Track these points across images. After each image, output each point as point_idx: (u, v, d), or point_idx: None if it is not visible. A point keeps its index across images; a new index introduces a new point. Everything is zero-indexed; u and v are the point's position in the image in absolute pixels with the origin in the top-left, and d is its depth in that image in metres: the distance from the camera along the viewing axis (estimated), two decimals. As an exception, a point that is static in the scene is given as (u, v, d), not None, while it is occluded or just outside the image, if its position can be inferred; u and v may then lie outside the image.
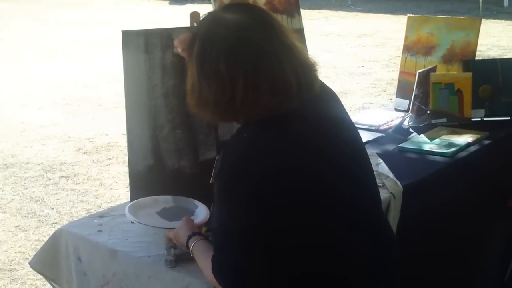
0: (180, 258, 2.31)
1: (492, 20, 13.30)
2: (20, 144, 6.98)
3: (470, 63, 3.73)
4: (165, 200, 2.26)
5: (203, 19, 1.89)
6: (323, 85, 1.94)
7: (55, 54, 11.90)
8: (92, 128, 7.43)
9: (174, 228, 2.14)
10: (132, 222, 2.19)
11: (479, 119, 3.61)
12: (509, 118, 3.63)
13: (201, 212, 2.23)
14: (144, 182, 2.42)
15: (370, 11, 15.70)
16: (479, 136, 3.34)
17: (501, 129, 3.51)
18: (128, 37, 2.48)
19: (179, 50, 2.30)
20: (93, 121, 7.75)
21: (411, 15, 4.17)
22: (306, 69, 1.85)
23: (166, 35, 2.47)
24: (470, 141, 3.27)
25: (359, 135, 2.01)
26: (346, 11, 15.84)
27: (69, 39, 13.28)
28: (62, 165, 6.31)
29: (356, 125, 2.06)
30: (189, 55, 1.86)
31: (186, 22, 2.63)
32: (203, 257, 1.95)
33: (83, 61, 11.21)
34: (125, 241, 2.49)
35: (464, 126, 3.48)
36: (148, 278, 2.34)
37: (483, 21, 4.00)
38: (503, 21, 13.61)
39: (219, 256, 1.81)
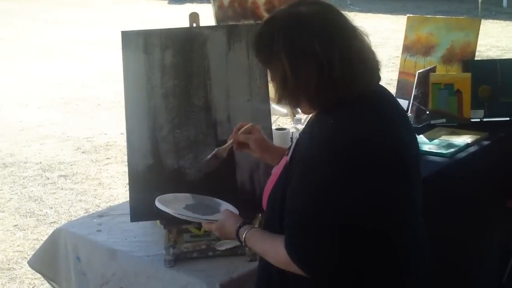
0: (179, 257, 2.31)
1: (491, 21, 13.32)
2: (19, 143, 6.98)
3: (470, 64, 3.73)
4: (185, 198, 2.23)
5: (275, 15, 1.89)
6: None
7: (54, 53, 11.90)
8: (90, 128, 7.42)
9: (215, 221, 2.08)
10: (171, 214, 2.11)
11: (479, 119, 3.61)
12: (508, 118, 3.63)
13: (228, 206, 2.19)
14: (143, 182, 2.42)
15: (369, 11, 15.72)
16: (478, 136, 3.34)
17: (500, 129, 3.51)
18: (128, 37, 2.48)
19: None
20: (91, 121, 7.75)
21: (411, 15, 4.18)
22: (375, 59, 1.91)
23: (165, 36, 2.47)
24: (470, 142, 3.27)
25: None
26: (345, 11, 15.56)
27: (68, 38, 13.30)
28: (61, 164, 6.30)
29: None
30: (269, 51, 1.84)
31: (185, 22, 2.63)
32: (264, 242, 1.91)
33: (82, 60, 11.21)
34: (124, 241, 2.50)
35: (463, 126, 3.48)
36: (147, 278, 2.34)
37: (482, 21, 4.00)
38: (502, 21, 13.63)
39: (299, 236, 1.78)
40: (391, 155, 1.81)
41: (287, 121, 5.56)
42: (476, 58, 3.86)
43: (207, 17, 3.26)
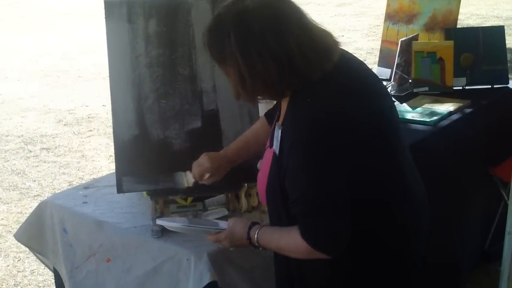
0: (166, 228, 2.31)
1: (471, -11, 13.31)
2: (0, 116, 6.92)
3: (452, 32, 3.73)
4: (182, 220, 2.22)
5: (220, 13, 1.85)
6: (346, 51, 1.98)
7: (32, 25, 11.75)
8: (72, 100, 7.37)
9: (223, 230, 2.07)
10: (182, 226, 2.11)
11: (461, 87, 3.63)
12: (490, 86, 3.66)
13: (225, 224, 2.13)
14: (129, 153, 2.41)
15: (350, -20, 15.64)
16: (460, 104, 3.36)
17: (482, 97, 3.53)
18: (111, 7, 2.45)
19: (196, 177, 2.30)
20: (73, 93, 7.69)
21: (393, -17, 4.16)
22: (329, 32, 1.90)
23: (149, 4, 2.45)
24: (452, 110, 3.29)
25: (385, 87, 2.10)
26: (326, -20, 15.76)
27: (47, 9, 13.12)
28: (43, 137, 6.26)
29: None
30: (221, 50, 1.82)
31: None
32: (280, 237, 1.90)
33: (62, 32, 11.09)
34: (111, 212, 2.50)
35: (446, 94, 3.50)
36: (134, 249, 2.34)
37: (463, -12, 4.01)
38: (482, -11, 13.61)
39: (313, 222, 1.79)
40: (368, 127, 1.84)
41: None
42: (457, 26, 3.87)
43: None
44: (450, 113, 3.27)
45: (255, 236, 1.95)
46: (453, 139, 3.21)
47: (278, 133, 1.90)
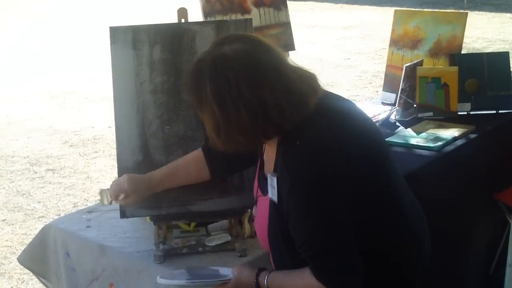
0: (169, 253, 2.32)
1: (477, 12, 13.37)
2: (6, 137, 6.95)
3: (457, 57, 3.75)
4: (181, 273, 2.18)
5: (200, 59, 1.87)
6: (325, 91, 1.97)
7: (40, 46, 11.83)
8: (78, 121, 7.40)
9: (228, 280, 2.05)
10: (187, 284, 2.09)
11: (465, 112, 3.63)
12: (495, 111, 3.66)
13: (226, 270, 2.13)
14: (133, 178, 2.42)
15: (355, 2, 15.73)
16: (465, 130, 3.36)
17: (487, 122, 3.53)
18: (116, 33, 2.47)
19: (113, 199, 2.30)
20: (79, 114, 7.73)
21: (398, 8, 4.19)
22: (310, 76, 1.90)
23: (154, 31, 2.47)
24: (457, 135, 3.29)
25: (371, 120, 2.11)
26: (331, 2, 15.87)
27: (53, 31, 13.21)
28: (48, 158, 6.29)
29: None
30: (199, 97, 1.84)
31: (173, 18, 2.63)
32: (292, 281, 1.90)
33: (69, 53, 11.15)
34: (114, 237, 2.50)
35: (450, 120, 3.50)
36: (137, 273, 2.34)
37: (468, 13, 4.03)
38: (488, 12, 13.68)
39: (327, 263, 1.80)
40: (360, 160, 1.85)
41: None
42: (462, 50, 3.88)
43: (195, 10, 3.25)
44: (455, 139, 3.27)
45: (265, 282, 1.94)
46: (458, 165, 3.21)
47: (273, 181, 1.89)
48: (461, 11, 7.41)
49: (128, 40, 2.46)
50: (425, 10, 4.27)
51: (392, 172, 1.97)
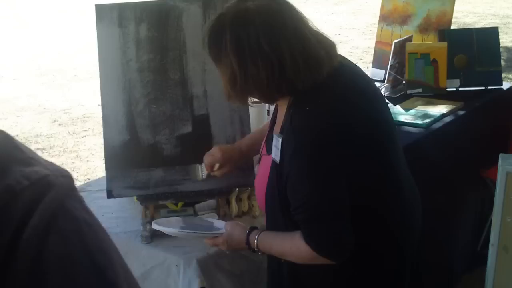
0: (156, 233, 2.31)
1: (468, -14, 13.29)
2: (-5, 116, 6.91)
3: (446, 33, 3.73)
4: (177, 220, 2.23)
5: (222, 13, 1.90)
6: (342, 61, 2.00)
7: (28, 23, 11.72)
8: (67, 99, 7.35)
9: (220, 234, 2.08)
10: (179, 232, 2.12)
11: (454, 89, 3.62)
12: (483, 88, 3.65)
13: (220, 223, 2.18)
14: (120, 158, 2.41)
15: (346, -23, 15.61)
16: (454, 106, 3.36)
17: (475, 99, 3.53)
18: (102, 10, 2.45)
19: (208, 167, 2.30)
20: (68, 92, 7.67)
21: (387, -16, 4.16)
22: (329, 43, 1.94)
23: (140, 9, 2.44)
24: (445, 112, 3.28)
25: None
26: (322, -23, 15.73)
27: (42, 7, 13.09)
28: (38, 137, 6.25)
29: None
30: (218, 49, 1.87)
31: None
32: (282, 242, 1.93)
33: (57, 30, 11.06)
34: (101, 217, 2.46)
35: (439, 96, 3.50)
36: (124, 254, 2.30)
37: (459, -12, 4.01)
38: (479, -13, 13.59)
39: (317, 228, 1.83)
40: (364, 133, 1.88)
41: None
42: (453, 25, 3.87)
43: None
44: (443, 115, 3.26)
45: (255, 241, 1.98)
46: (446, 141, 3.21)
47: (277, 142, 1.92)
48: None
49: (114, 18, 2.44)
50: (414, -15, 4.23)
51: (393, 146, 2.01)
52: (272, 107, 2.93)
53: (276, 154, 1.92)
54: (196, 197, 2.42)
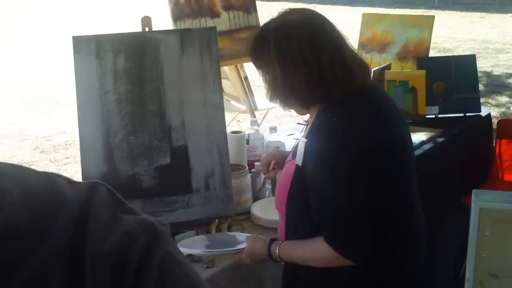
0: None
1: (447, 12, 13.47)
2: (-25, 143, 6.86)
3: (424, 61, 3.76)
4: (201, 239, 2.27)
5: (266, 23, 2.05)
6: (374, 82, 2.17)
7: (11, 49, 11.70)
8: (49, 126, 7.33)
9: (242, 249, 2.14)
10: (204, 253, 2.19)
11: (434, 116, 3.65)
12: (462, 114, 3.68)
13: (242, 237, 2.24)
14: (98, 190, 2.39)
15: (328, 2, 15.76)
16: (433, 133, 3.38)
17: (454, 125, 3.55)
18: (79, 42, 2.44)
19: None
20: (50, 119, 7.65)
21: (366, 12, 4.20)
22: (363, 62, 2.08)
23: (117, 40, 2.44)
24: (425, 139, 3.30)
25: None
26: (304, 2, 15.86)
27: (25, 33, 13.08)
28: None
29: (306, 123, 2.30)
30: (262, 54, 2.01)
31: (137, 27, 2.61)
32: (303, 248, 2.00)
33: (40, 57, 11.05)
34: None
35: (419, 123, 3.52)
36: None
37: (439, 12, 4.11)
38: (458, 12, 13.78)
39: (340, 229, 1.90)
40: (388, 151, 1.97)
41: (247, 117, 5.56)
42: (432, 50, 3.90)
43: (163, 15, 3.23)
44: (423, 142, 3.28)
45: (277, 251, 2.05)
46: (426, 168, 3.21)
47: (302, 145, 2.00)
48: (428, 14, 7.44)
49: (91, 49, 2.43)
50: (392, 13, 4.27)
51: (412, 170, 2.09)
52: (253, 136, 2.94)
53: (300, 157, 1.98)
54: (176, 228, 2.40)
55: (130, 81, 2.44)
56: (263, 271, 2.47)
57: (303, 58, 1.92)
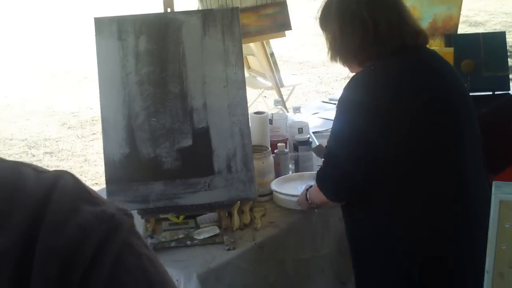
0: (157, 247, 2.30)
1: (480, -16, 13.20)
2: (4, 119, 6.92)
3: (452, 38, 3.70)
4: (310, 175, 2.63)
5: None
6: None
7: (33, 25, 11.75)
8: (76, 102, 7.37)
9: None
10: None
11: (461, 94, 3.58)
12: (491, 93, 3.61)
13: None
14: (120, 172, 2.39)
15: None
16: (460, 112, 3.31)
17: (483, 104, 3.49)
18: (101, 23, 2.43)
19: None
20: (78, 95, 7.69)
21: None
22: (418, 23, 2.27)
23: (139, 22, 2.43)
24: (451, 118, 3.24)
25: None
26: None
27: (42, 9, 13.12)
28: (46, 140, 6.26)
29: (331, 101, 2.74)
30: (326, 19, 2.25)
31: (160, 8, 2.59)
32: (315, 190, 2.28)
33: (67, 33, 11.09)
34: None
35: (446, 102, 3.46)
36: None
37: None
38: (491, -16, 13.50)
39: (323, 169, 2.23)
40: (402, 118, 2.07)
41: (273, 93, 5.53)
42: (463, 23, 3.84)
43: None
44: (450, 122, 3.22)
45: (307, 193, 2.38)
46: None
47: None
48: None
49: (113, 31, 2.42)
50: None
51: (460, 130, 2.33)
52: (276, 116, 2.92)
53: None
54: (197, 211, 2.41)
55: (152, 62, 2.42)
56: (284, 252, 2.47)
57: (360, 17, 2.12)
